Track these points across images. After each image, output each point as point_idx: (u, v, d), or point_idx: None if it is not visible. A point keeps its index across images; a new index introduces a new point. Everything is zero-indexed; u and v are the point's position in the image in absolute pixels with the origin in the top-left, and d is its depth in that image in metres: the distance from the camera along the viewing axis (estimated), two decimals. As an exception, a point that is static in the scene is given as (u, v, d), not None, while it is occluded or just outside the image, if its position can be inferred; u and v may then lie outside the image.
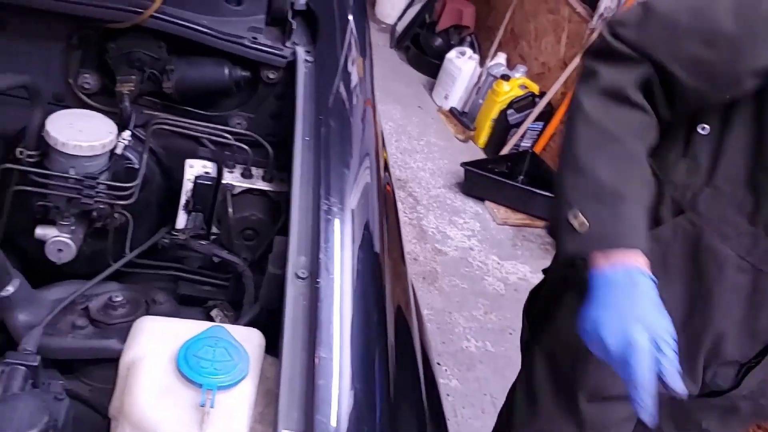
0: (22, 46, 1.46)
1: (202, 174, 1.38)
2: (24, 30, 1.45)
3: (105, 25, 1.39)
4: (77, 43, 1.46)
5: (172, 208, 1.45)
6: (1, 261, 1.14)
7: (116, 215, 1.37)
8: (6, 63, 1.44)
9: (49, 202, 1.31)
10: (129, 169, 1.38)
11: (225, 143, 1.44)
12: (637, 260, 1.09)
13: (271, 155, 1.42)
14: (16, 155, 1.30)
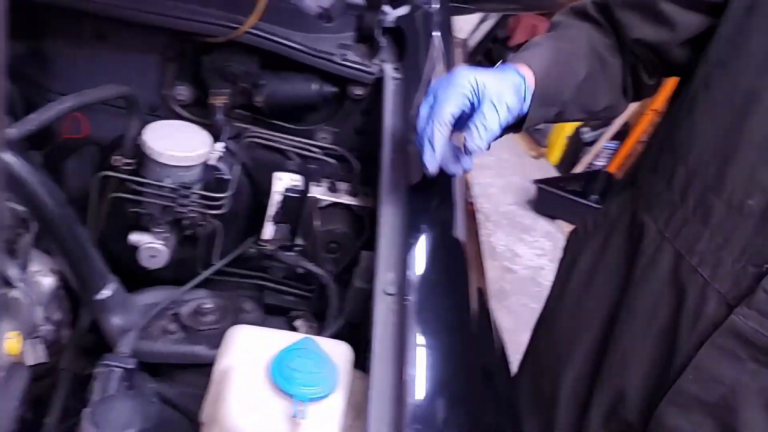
0: (121, 57, 1.52)
1: (290, 187, 1.41)
2: (124, 42, 1.51)
3: (201, 40, 1.43)
4: (173, 56, 1.50)
5: (258, 218, 1.48)
6: (99, 264, 1.18)
7: (205, 224, 1.41)
8: (106, 73, 1.50)
9: (143, 209, 1.36)
10: (219, 180, 1.41)
11: (312, 157, 1.46)
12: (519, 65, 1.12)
13: (356, 170, 1.44)
14: (112, 162, 1.36)
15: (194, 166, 1.33)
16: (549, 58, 1.17)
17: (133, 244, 1.33)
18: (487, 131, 1.03)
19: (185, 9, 1.40)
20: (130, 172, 1.34)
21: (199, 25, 1.41)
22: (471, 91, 1.03)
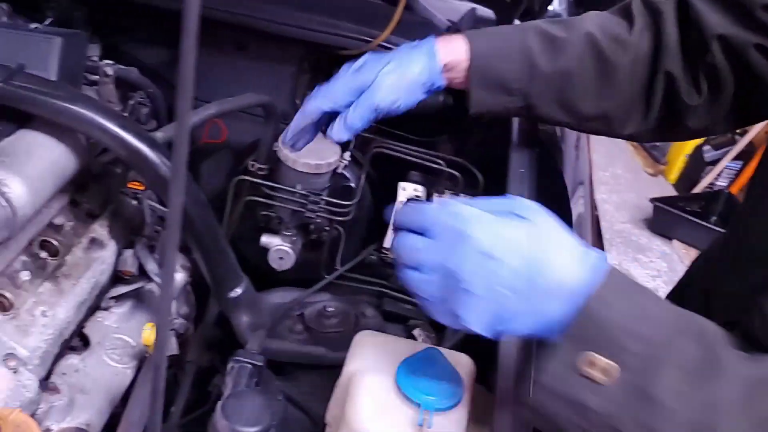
0: (259, 66, 1.59)
1: (413, 197, 1.43)
2: (261, 52, 1.58)
3: (336, 52, 1.48)
4: (307, 67, 1.56)
5: (379, 226, 1.51)
6: (233, 263, 1.24)
7: (330, 229, 1.46)
8: (243, 82, 1.58)
9: (274, 213, 1.42)
10: (345, 188, 1.46)
11: (435, 168, 1.48)
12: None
13: (480, 182, 1.45)
14: (248, 167, 1.42)
15: (324, 173, 1.37)
16: (500, 37, 1.13)
17: (263, 245, 1.39)
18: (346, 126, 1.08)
19: (321, 22, 1.46)
20: (263, 177, 1.41)
21: (334, 38, 1.46)
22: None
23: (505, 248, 0.72)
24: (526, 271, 0.71)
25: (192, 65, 0.52)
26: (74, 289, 1.19)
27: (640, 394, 0.67)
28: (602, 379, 0.68)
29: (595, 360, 0.68)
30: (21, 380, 1.01)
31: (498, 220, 0.75)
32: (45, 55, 1.20)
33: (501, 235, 0.73)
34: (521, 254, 0.72)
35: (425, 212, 0.81)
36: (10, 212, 1.01)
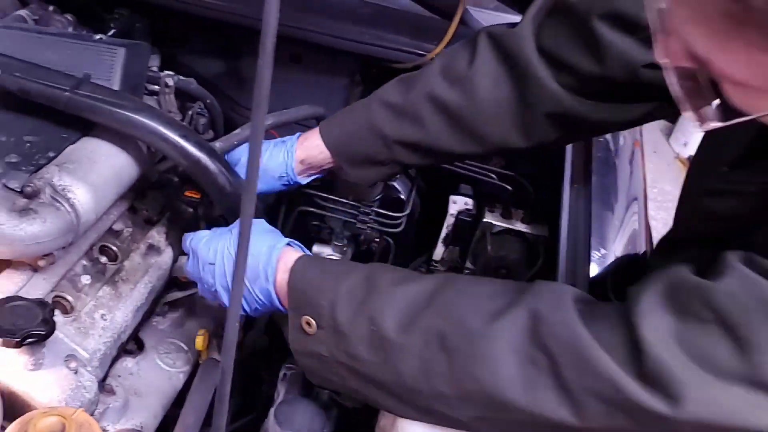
0: (312, 79, 1.62)
1: (464, 210, 1.44)
2: (315, 64, 1.61)
3: (389, 65, 1.49)
4: (360, 80, 1.58)
5: (428, 238, 1.52)
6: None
7: (380, 240, 1.47)
8: (297, 93, 1.61)
9: (325, 223, 1.44)
10: (396, 200, 1.47)
11: (486, 181, 1.49)
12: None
13: (531, 196, 1.45)
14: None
15: (376, 186, 1.39)
16: (349, 119, 1.22)
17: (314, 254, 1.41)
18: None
19: (375, 35, 1.48)
20: (316, 187, 1.43)
21: (388, 52, 1.48)
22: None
23: (218, 255, 1.06)
24: (230, 266, 1.03)
25: (268, 80, 0.53)
26: (132, 294, 1.22)
27: (333, 330, 0.92)
28: (313, 331, 0.94)
29: (307, 320, 0.94)
30: (81, 381, 1.04)
31: (214, 237, 1.09)
32: (109, 65, 1.24)
33: (214, 247, 1.06)
34: (227, 256, 1.05)
35: (185, 242, 1.16)
36: (74, 218, 1.05)
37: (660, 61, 0.67)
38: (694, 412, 0.72)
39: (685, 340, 0.73)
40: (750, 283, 0.71)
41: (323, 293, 0.94)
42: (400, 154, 1.20)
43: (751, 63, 0.58)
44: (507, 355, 0.81)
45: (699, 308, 0.73)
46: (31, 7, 1.48)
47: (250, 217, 0.56)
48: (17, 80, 1.11)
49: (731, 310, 0.71)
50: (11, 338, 0.92)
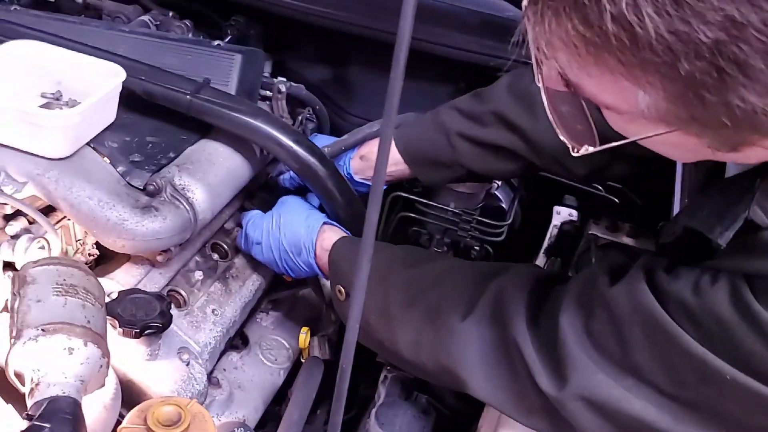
0: (416, 86, 1.62)
1: (568, 221, 1.42)
2: (420, 72, 1.61)
3: (496, 74, 1.49)
4: (464, 88, 1.58)
5: (528, 249, 1.51)
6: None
7: (479, 248, 1.46)
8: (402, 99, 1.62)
9: (424, 229, 1.45)
10: (497, 208, 1.46)
11: (592, 193, 1.46)
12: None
13: (639, 208, 1.41)
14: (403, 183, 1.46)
15: (479, 193, 1.39)
16: (418, 122, 1.28)
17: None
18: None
19: (482, 44, 1.47)
20: (417, 193, 1.44)
21: (495, 60, 1.47)
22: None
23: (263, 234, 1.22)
24: (276, 244, 1.20)
25: (398, 93, 0.55)
26: (241, 291, 1.26)
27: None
28: (343, 298, 1.10)
29: (339, 288, 1.10)
30: (192, 373, 1.08)
31: (258, 218, 1.24)
32: (227, 70, 1.29)
33: (260, 228, 1.22)
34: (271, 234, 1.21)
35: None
36: (192, 216, 1.10)
37: (538, 84, 0.71)
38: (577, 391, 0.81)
39: (588, 330, 0.83)
40: (634, 294, 0.79)
41: (354, 267, 1.02)
42: (463, 156, 1.25)
43: (616, 88, 0.60)
44: (473, 352, 0.92)
45: (598, 306, 0.83)
46: (153, 13, 1.55)
47: (373, 226, 0.57)
48: (142, 83, 1.17)
49: (615, 311, 0.80)
50: (131, 329, 0.98)
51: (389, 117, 0.55)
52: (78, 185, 1.03)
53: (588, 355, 0.82)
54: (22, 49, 1.17)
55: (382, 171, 0.56)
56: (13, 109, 1.02)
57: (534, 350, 0.86)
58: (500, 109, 1.20)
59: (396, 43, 0.54)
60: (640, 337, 0.78)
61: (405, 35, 0.53)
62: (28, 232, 1.06)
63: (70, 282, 0.91)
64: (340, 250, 1.14)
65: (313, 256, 1.18)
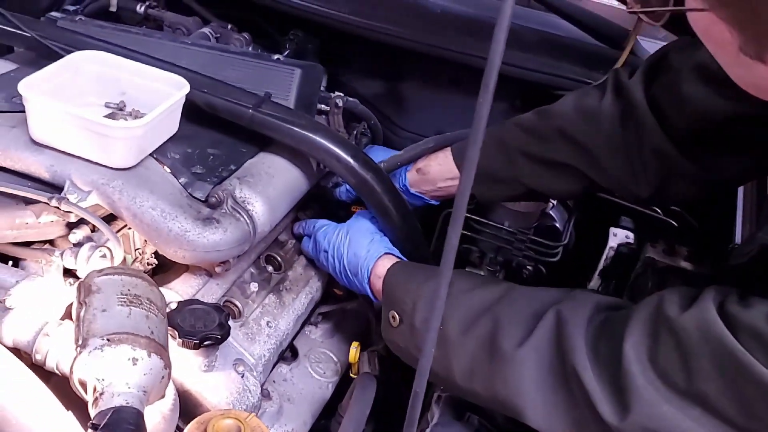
0: (471, 102, 1.61)
1: (624, 243, 1.40)
2: (474, 88, 1.60)
3: (552, 92, 1.48)
4: (520, 106, 1.57)
5: (581, 269, 1.49)
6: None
7: (531, 268, 1.45)
8: (455, 115, 1.62)
9: (476, 247, 1.44)
10: (551, 228, 1.45)
11: (649, 215, 1.44)
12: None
13: (697, 232, 1.39)
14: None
15: (534, 212, 1.37)
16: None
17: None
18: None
19: (540, 62, 1.46)
20: (471, 211, 1.43)
21: (553, 78, 1.46)
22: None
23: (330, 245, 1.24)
24: (339, 259, 1.23)
25: (485, 117, 0.54)
26: (294, 303, 1.27)
27: (410, 326, 1.05)
28: (396, 324, 1.08)
29: (393, 314, 1.08)
30: (247, 385, 1.09)
31: (330, 229, 1.26)
32: (286, 84, 1.30)
33: (329, 238, 1.25)
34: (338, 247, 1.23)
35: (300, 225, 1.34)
36: (251, 229, 1.10)
37: None
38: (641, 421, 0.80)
39: (653, 358, 0.81)
40: (704, 322, 0.77)
41: (409, 294, 1.07)
42: (522, 172, 1.24)
43: None
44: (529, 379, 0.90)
45: (665, 333, 0.81)
46: (213, 26, 1.58)
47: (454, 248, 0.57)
48: (205, 96, 1.18)
49: (683, 339, 0.79)
50: (191, 339, 0.98)
51: (475, 141, 0.55)
52: (142, 195, 1.05)
53: (652, 384, 0.80)
54: (88, 60, 1.19)
55: (464, 195, 0.56)
56: (80, 118, 1.03)
57: (594, 378, 0.84)
58: (565, 126, 1.19)
59: (486, 68, 0.53)
60: (709, 367, 0.76)
61: (495, 61, 0.53)
62: (90, 241, 1.07)
63: (135, 292, 0.92)
64: (395, 276, 1.13)
65: (367, 281, 1.19)
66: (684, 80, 1.07)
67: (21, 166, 1.09)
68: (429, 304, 1.03)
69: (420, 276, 1.09)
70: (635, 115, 1.13)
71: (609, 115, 1.16)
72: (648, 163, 1.13)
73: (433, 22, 1.57)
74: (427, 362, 0.58)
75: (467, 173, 0.55)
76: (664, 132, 1.10)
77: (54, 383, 0.93)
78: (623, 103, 1.15)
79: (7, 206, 1.07)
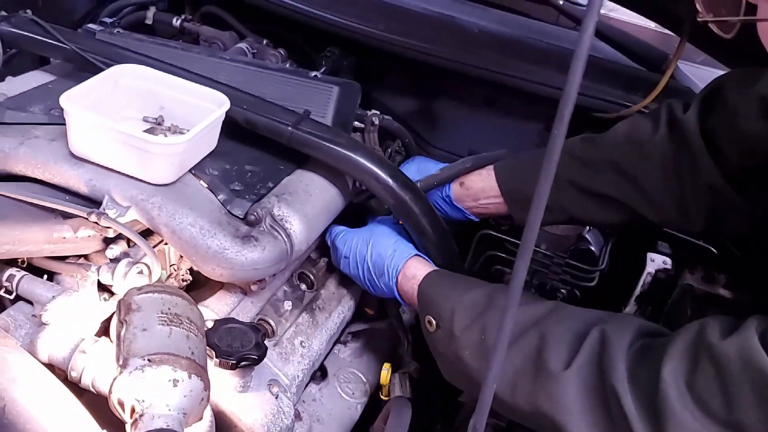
0: (504, 122, 1.61)
1: (662, 269, 1.37)
2: (509, 108, 1.60)
3: (591, 114, 1.46)
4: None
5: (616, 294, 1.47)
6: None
7: (565, 292, 1.43)
8: (490, 135, 1.61)
9: (509, 269, 1.42)
10: (586, 251, 1.42)
11: (688, 241, 1.42)
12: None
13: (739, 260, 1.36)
14: (492, 222, 1.44)
15: (571, 236, 1.36)
16: (522, 160, 1.27)
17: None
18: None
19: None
20: (505, 232, 1.42)
21: (590, 100, 1.45)
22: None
23: (351, 251, 1.23)
24: (362, 261, 1.21)
25: (558, 149, 0.53)
26: (327, 323, 1.25)
27: (449, 332, 1.05)
28: (433, 329, 1.08)
29: (429, 319, 1.08)
30: (281, 406, 1.07)
31: (348, 234, 1.25)
32: (324, 101, 1.29)
33: (349, 244, 1.23)
34: (359, 253, 1.22)
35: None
36: (288, 247, 1.09)
37: None
38: None
39: (691, 384, 0.80)
40: (746, 350, 0.76)
41: (448, 300, 1.07)
42: (566, 199, 1.23)
43: None
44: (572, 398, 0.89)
45: (705, 360, 0.80)
46: (249, 41, 1.58)
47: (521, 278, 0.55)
48: (244, 112, 1.17)
49: (723, 366, 0.78)
50: (228, 360, 0.97)
51: (547, 174, 0.53)
52: (181, 212, 1.04)
53: (689, 410, 0.79)
54: (127, 73, 1.19)
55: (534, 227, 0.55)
56: (122, 133, 1.03)
57: (632, 400, 0.83)
58: (616, 158, 1.18)
59: (561, 99, 0.52)
60: (749, 396, 0.75)
61: (571, 93, 0.51)
62: (127, 256, 1.06)
63: (175, 311, 0.90)
64: (435, 282, 1.13)
65: (395, 281, 1.18)
66: (742, 116, 1.06)
67: (60, 179, 1.08)
68: (471, 310, 1.03)
69: (461, 285, 1.09)
70: (689, 151, 1.12)
71: (662, 149, 1.15)
72: (700, 198, 1.12)
73: (471, 41, 1.56)
74: (488, 396, 0.56)
75: (538, 204, 0.54)
76: (719, 168, 1.09)
77: (87, 400, 0.92)
78: (677, 138, 1.14)
79: (44, 220, 1.06)
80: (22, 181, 1.11)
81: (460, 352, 1.02)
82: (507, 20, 1.73)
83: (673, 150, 1.14)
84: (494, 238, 1.42)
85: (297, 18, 1.58)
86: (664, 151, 1.15)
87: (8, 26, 1.30)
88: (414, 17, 1.64)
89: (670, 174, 1.14)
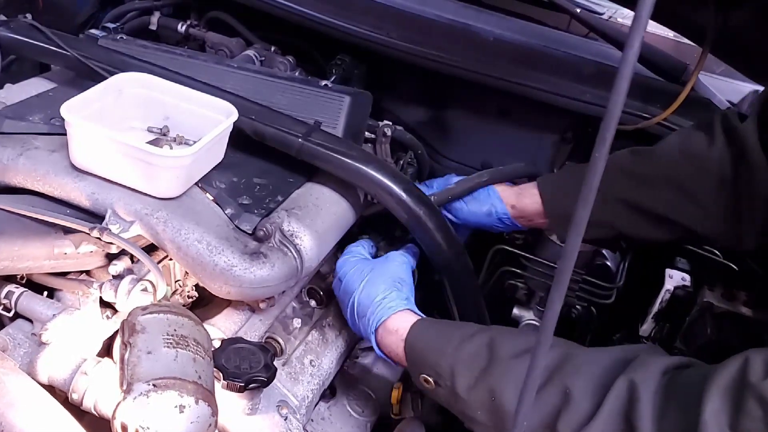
0: (519, 133, 1.57)
1: (681, 285, 1.33)
2: (524, 119, 1.56)
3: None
4: (571, 137, 1.52)
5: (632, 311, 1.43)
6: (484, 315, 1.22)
7: (580, 308, 1.39)
8: (503, 146, 1.57)
9: (523, 284, 1.38)
10: (602, 267, 1.39)
11: (709, 258, 1.38)
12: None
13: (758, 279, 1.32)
14: (507, 236, 1.40)
15: (588, 251, 1.32)
16: (568, 175, 1.25)
17: (514, 317, 1.36)
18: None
19: (596, 94, 1.40)
20: (519, 247, 1.38)
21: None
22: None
23: (347, 279, 1.14)
24: (350, 293, 1.11)
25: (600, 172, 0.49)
26: (337, 341, 1.21)
27: (451, 392, 0.96)
28: (431, 387, 1.00)
29: (426, 378, 1.00)
30: (290, 428, 1.03)
31: (349, 264, 1.15)
32: (335, 112, 1.25)
33: (347, 269, 1.15)
34: (349, 281, 1.13)
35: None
36: (299, 264, 1.05)
37: None
38: None
39: (734, 427, 0.74)
40: None
41: (443, 356, 0.98)
42: (616, 216, 1.19)
43: None
44: None
45: (750, 400, 0.74)
46: (257, 48, 1.54)
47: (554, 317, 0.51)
48: (253, 123, 1.13)
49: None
50: (236, 382, 0.93)
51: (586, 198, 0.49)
52: (187, 227, 1.00)
53: None
54: (131, 82, 1.15)
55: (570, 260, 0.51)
56: (126, 145, 0.99)
57: None
58: (671, 172, 1.14)
59: (604, 119, 0.48)
60: None
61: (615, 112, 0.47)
62: (131, 273, 1.03)
63: (181, 333, 0.87)
64: (422, 336, 1.03)
65: (373, 331, 1.08)
66: None
67: (61, 192, 1.05)
68: (472, 367, 0.94)
69: (453, 336, 0.99)
70: (748, 161, 1.08)
71: (719, 161, 1.11)
72: (757, 211, 1.08)
73: (485, 50, 1.52)
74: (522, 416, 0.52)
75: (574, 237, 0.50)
76: None
77: (88, 422, 0.88)
78: (735, 151, 1.10)
79: (45, 234, 1.03)
80: (22, 194, 1.07)
81: (470, 412, 0.95)
82: (520, 28, 1.69)
83: (731, 161, 1.10)
84: (509, 253, 1.38)
85: (306, 24, 1.54)
86: (721, 162, 1.10)
87: (7, 31, 1.26)
88: (427, 25, 1.60)
89: (727, 187, 1.10)
